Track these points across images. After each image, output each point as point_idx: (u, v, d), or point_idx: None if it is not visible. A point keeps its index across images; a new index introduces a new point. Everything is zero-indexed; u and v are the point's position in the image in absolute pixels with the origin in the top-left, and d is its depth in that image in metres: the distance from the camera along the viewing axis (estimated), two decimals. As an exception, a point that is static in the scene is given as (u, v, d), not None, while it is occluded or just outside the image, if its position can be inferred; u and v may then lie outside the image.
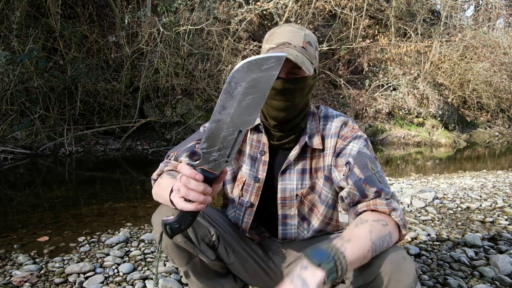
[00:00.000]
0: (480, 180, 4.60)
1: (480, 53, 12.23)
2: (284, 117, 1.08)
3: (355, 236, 0.85)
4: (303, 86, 1.05)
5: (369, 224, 0.90)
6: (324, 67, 10.65)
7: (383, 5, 11.61)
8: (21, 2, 6.29)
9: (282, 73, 1.02)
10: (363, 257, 0.84)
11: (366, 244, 0.85)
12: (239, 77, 0.64)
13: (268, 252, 1.24)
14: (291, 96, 1.05)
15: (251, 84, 0.65)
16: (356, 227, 0.90)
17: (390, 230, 0.92)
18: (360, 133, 1.12)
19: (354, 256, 0.81)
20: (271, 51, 1.01)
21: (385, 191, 0.97)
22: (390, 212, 0.93)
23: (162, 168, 1.12)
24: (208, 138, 0.70)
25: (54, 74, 6.45)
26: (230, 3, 7.95)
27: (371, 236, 0.86)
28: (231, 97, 0.66)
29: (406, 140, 10.39)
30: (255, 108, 0.68)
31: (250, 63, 0.63)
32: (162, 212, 1.05)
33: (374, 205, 0.95)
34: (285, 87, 1.03)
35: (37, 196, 3.58)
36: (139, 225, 2.57)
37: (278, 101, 1.05)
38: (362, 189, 0.98)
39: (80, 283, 1.66)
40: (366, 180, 0.98)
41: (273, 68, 0.64)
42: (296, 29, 1.05)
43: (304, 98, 1.08)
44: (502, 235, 2.40)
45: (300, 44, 1.02)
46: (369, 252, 0.85)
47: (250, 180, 1.17)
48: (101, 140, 6.83)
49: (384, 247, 0.90)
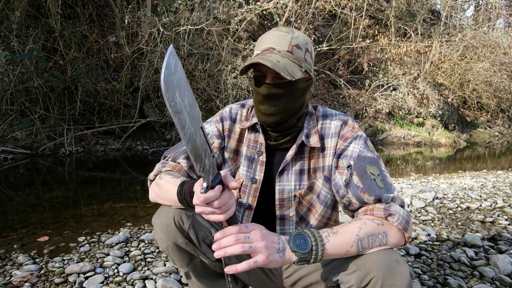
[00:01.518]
0: (480, 180, 4.60)
1: (480, 53, 12.22)
2: (274, 121, 1.08)
3: (343, 231, 0.90)
4: (291, 90, 1.04)
5: (361, 222, 0.93)
6: (324, 67, 10.65)
7: (383, 5, 11.60)
8: (21, 2, 6.28)
9: (268, 79, 1.03)
10: (344, 251, 0.89)
11: (351, 239, 0.89)
12: (169, 95, 0.67)
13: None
14: (279, 101, 1.04)
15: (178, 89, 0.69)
16: (349, 223, 0.94)
17: (386, 230, 0.92)
18: (360, 133, 1.11)
19: (334, 249, 0.88)
20: (257, 57, 1.01)
21: (384, 197, 0.97)
22: (386, 217, 0.94)
23: (159, 169, 1.11)
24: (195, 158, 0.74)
25: (54, 74, 6.45)
26: (230, 3, 7.95)
27: (359, 232, 0.90)
28: (179, 113, 0.69)
29: (406, 140, 10.39)
30: (194, 99, 0.74)
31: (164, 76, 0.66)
32: (163, 214, 1.05)
33: (371, 210, 0.97)
34: (271, 93, 1.03)
35: (37, 196, 3.58)
36: (139, 225, 2.57)
37: (266, 106, 1.05)
38: (361, 198, 0.99)
39: (80, 283, 1.66)
40: (364, 189, 0.99)
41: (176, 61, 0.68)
42: (283, 33, 1.04)
43: (298, 100, 1.07)
44: (502, 235, 2.40)
45: (285, 48, 1.02)
46: (352, 247, 0.89)
47: (247, 182, 1.17)
48: (101, 140, 6.83)
49: (375, 245, 0.90)
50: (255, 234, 0.84)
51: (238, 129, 1.19)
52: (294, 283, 1.15)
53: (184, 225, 1.04)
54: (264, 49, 1.03)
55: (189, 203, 0.94)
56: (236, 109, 1.21)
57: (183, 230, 1.04)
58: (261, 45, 1.06)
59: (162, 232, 1.05)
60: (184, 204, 0.96)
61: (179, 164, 1.12)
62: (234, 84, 7.46)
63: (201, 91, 7.77)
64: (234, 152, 1.20)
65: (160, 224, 1.05)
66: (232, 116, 1.20)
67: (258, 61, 0.97)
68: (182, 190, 0.95)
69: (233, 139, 1.19)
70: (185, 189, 0.94)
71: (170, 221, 1.03)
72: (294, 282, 1.15)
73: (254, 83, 1.08)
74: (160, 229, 1.05)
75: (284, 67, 0.98)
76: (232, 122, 1.20)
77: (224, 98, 7.44)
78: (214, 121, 1.21)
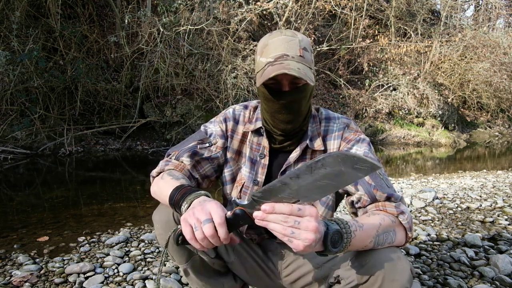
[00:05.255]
0: (480, 180, 4.59)
1: (480, 53, 12.23)
2: (292, 128, 1.08)
3: (367, 224, 0.87)
4: (306, 94, 1.05)
5: (380, 217, 0.91)
6: (324, 67, 10.65)
7: (383, 5, 11.61)
8: (21, 2, 6.29)
9: (285, 87, 1.02)
10: (362, 246, 0.87)
11: (372, 234, 0.87)
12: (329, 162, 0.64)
13: (267, 253, 1.24)
14: (297, 107, 1.05)
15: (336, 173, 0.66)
16: (368, 217, 0.91)
17: (395, 228, 0.93)
18: (363, 136, 1.12)
19: (356, 244, 0.84)
20: (270, 66, 0.98)
21: (395, 196, 0.98)
22: (398, 215, 0.95)
23: (162, 167, 1.12)
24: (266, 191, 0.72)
25: (54, 74, 6.45)
26: (230, 3, 7.95)
27: (379, 228, 0.89)
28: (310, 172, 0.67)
29: (406, 140, 10.39)
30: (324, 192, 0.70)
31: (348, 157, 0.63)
32: (163, 210, 1.06)
33: (384, 206, 0.97)
34: (291, 100, 1.03)
35: (37, 196, 3.58)
36: (139, 225, 2.57)
37: (286, 114, 1.05)
38: (373, 195, 0.99)
39: (80, 283, 1.66)
40: (376, 186, 0.99)
41: (364, 171, 0.64)
42: (289, 37, 1.02)
43: (308, 103, 1.09)
44: (502, 235, 2.40)
45: (297, 53, 1.00)
46: (371, 242, 0.87)
47: (249, 183, 1.17)
48: (101, 140, 6.83)
49: (386, 242, 0.90)
50: (307, 222, 0.74)
51: (241, 130, 1.20)
52: (294, 281, 1.15)
53: None
54: (277, 57, 1.00)
55: (177, 210, 0.95)
56: (239, 110, 1.22)
57: None
58: (269, 52, 1.02)
59: (161, 228, 1.06)
60: (173, 209, 0.98)
61: (182, 162, 1.13)
62: (234, 84, 7.46)
63: (201, 91, 7.77)
64: (236, 152, 1.20)
65: (159, 220, 1.06)
66: (236, 117, 1.21)
67: (284, 72, 0.94)
68: (173, 195, 0.95)
69: (235, 139, 1.20)
70: (176, 196, 0.94)
71: (170, 217, 1.04)
72: (294, 280, 1.15)
73: (267, 93, 1.04)
74: (160, 225, 1.06)
75: (305, 73, 0.97)
76: (235, 123, 1.20)
77: (224, 98, 7.44)
78: (218, 121, 1.21)
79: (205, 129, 1.21)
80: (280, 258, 1.22)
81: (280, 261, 1.22)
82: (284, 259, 1.21)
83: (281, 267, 1.20)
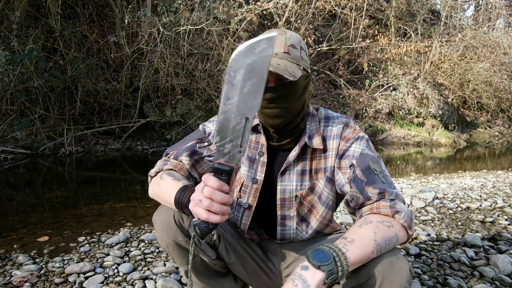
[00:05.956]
0: (480, 180, 4.59)
1: (480, 53, 12.22)
2: (281, 123, 1.08)
3: (359, 237, 0.85)
4: (294, 90, 1.05)
5: (373, 225, 0.89)
6: (324, 67, 10.65)
7: (383, 5, 11.60)
8: (21, 2, 6.29)
9: (270, 82, 1.03)
10: (366, 258, 0.84)
11: (370, 244, 0.85)
12: (235, 65, 0.66)
13: (267, 253, 1.24)
14: (283, 102, 1.05)
15: (248, 69, 0.67)
16: (360, 228, 0.89)
17: (396, 232, 0.91)
18: (361, 134, 1.12)
19: (357, 257, 0.82)
20: None
21: (389, 191, 0.96)
22: (393, 215, 0.92)
23: (160, 166, 1.12)
24: (219, 131, 0.73)
25: (54, 74, 6.45)
26: (230, 3, 7.94)
27: (375, 237, 0.86)
28: (232, 86, 0.68)
29: (406, 140, 10.39)
30: (257, 92, 0.69)
31: (244, 49, 0.65)
32: (163, 212, 1.06)
33: (377, 208, 0.94)
34: (276, 95, 1.03)
35: (37, 196, 3.58)
36: (139, 225, 2.57)
37: (272, 109, 1.05)
38: (365, 191, 0.97)
39: (80, 283, 1.66)
40: (368, 182, 0.98)
41: (266, 49, 0.66)
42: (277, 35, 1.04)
43: (300, 100, 1.08)
44: (502, 235, 2.40)
45: (282, 50, 1.02)
46: (373, 253, 0.85)
47: (248, 182, 1.17)
48: (101, 140, 6.83)
49: (390, 248, 0.89)
50: None
51: None
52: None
53: (184, 223, 1.04)
54: None
55: (185, 211, 0.94)
56: None
57: (183, 228, 1.04)
58: None
59: (162, 230, 1.06)
60: (180, 211, 0.97)
61: (181, 162, 1.13)
62: (234, 84, 7.44)
63: (201, 91, 7.77)
64: None
65: (160, 221, 1.06)
66: None
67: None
68: (180, 197, 0.95)
69: None
70: (183, 198, 0.94)
71: (170, 219, 1.04)
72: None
73: None
74: (160, 226, 1.06)
75: (285, 68, 0.98)
76: None
77: (224, 98, 7.42)
78: None
79: (203, 128, 1.21)
80: (280, 258, 1.22)
81: (280, 261, 1.22)
82: (284, 260, 1.21)
83: (281, 268, 1.21)
